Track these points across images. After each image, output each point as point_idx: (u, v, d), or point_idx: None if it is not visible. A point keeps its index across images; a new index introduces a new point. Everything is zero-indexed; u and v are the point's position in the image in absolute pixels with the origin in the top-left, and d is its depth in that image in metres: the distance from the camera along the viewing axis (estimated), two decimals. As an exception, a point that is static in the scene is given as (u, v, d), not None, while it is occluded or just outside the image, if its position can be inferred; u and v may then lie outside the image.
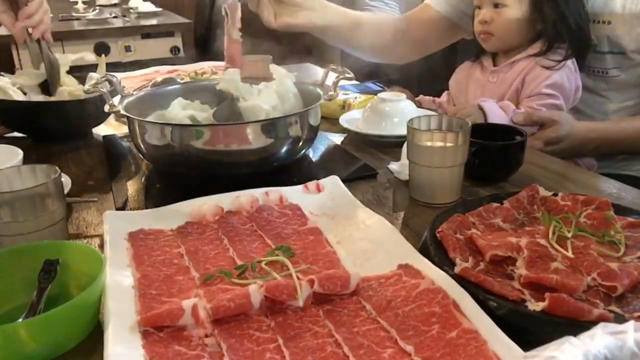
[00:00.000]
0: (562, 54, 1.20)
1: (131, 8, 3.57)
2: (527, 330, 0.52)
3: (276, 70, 1.04)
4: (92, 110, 1.11)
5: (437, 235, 0.66)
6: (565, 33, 1.19)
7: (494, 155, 0.89)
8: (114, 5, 3.82)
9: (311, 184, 0.83)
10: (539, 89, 1.19)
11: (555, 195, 0.76)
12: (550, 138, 1.11)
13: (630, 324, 0.40)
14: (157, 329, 0.53)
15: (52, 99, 1.16)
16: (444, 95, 1.48)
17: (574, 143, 1.12)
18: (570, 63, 1.21)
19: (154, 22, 3.22)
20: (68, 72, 1.23)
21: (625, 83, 1.24)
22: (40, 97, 1.15)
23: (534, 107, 1.19)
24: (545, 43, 1.21)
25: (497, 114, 1.14)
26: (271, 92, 0.97)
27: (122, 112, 0.89)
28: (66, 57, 1.21)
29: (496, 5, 1.22)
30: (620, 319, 0.52)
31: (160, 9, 3.53)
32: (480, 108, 1.15)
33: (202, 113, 0.98)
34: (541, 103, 1.20)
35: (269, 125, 0.86)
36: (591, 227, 0.68)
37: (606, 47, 1.22)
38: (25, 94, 1.15)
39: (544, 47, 1.21)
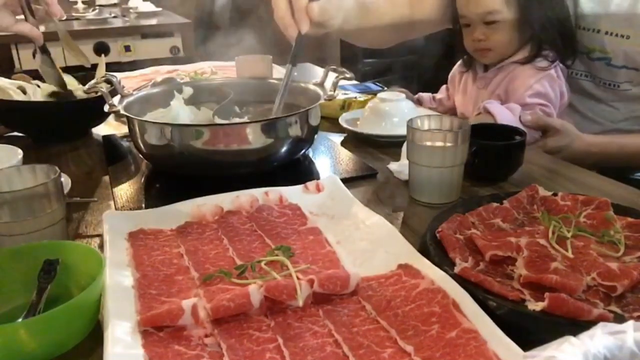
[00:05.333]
0: (547, 61, 1.20)
1: (131, 8, 3.57)
2: (527, 330, 0.52)
3: (276, 70, 1.04)
4: (92, 110, 1.11)
5: (437, 235, 0.66)
6: (549, 39, 1.18)
7: (493, 155, 0.89)
8: (114, 5, 3.82)
9: (311, 184, 0.83)
10: (523, 100, 1.18)
11: (555, 195, 0.76)
12: (551, 147, 1.10)
13: (630, 323, 0.40)
14: (156, 329, 0.53)
15: (54, 98, 1.16)
16: (442, 90, 1.48)
17: (573, 155, 1.11)
18: (553, 71, 1.20)
19: (153, 22, 3.22)
20: (65, 71, 1.23)
21: (635, 97, 1.23)
22: (39, 97, 1.15)
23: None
24: (532, 49, 1.20)
25: (505, 116, 1.13)
26: None
27: (122, 112, 0.90)
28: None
29: (487, 23, 1.20)
30: (619, 319, 0.52)
31: (160, 9, 3.53)
32: (488, 111, 1.14)
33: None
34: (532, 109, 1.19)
35: (269, 125, 0.86)
36: (591, 227, 0.68)
37: (621, 61, 1.20)
38: (25, 93, 1.15)
39: (531, 54, 1.20)
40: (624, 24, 1.16)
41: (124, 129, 1.18)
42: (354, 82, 1.57)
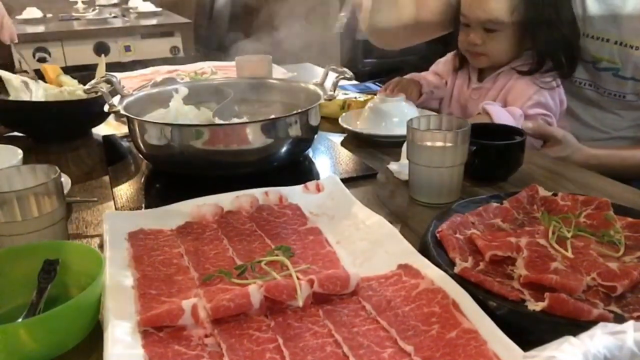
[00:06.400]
0: (548, 76, 1.18)
1: (131, 8, 3.57)
2: (527, 330, 0.52)
3: (276, 70, 1.04)
4: (92, 110, 1.11)
5: (437, 235, 0.66)
6: (554, 56, 1.16)
7: (494, 155, 0.89)
8: (114, 5, 3.82)
9: (311, 184, 0.83)
10: (523, 111, 1.16)
11: (555, 195, 0.76)
12: (550, 157, 1.10)
13: (630, 324, 0.40)
14: (157, 329, 0.53)
15: (52, 99, 1.16)
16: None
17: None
18: (552, 80, 1.19)
19: (153, 22, 3.22)
20: (65, 71, 1.23)
21: None
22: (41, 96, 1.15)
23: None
24: (533, 61, 1.18)
25: (502, 117, 1.12)
26: None
27: (122, 112, 0.90)
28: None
29: (487, 30, 1.18)
30: (619, 319, 0.52)
31: (160, 9, 3.53)
32: (486, 112, 1.14)
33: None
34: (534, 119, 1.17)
35: (269, 125, 0.86)
36: (591, 227, 0.68)
37: (630, 72, 1.17)
38: (27, 88, 1.14)
39: (532, 67, 1.18)
40: (634, 33, 1.14)
41: (124, 129, 1.18)
42: (354, 82, 1.57)
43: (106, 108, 0.90)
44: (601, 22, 1.18)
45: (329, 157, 1.03)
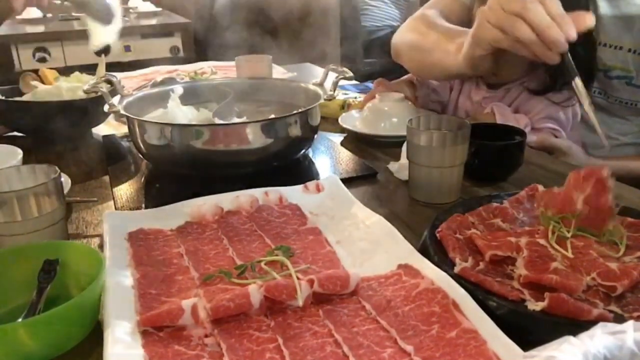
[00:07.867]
0: (565, 93, 1.15)
1: (131, 8, 3.57)
2: (527, 330, 0.52)
3: (276, 70, 1.04)
4: (91, 110, 1.11)
5: (437, 235, 0.66)
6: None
7: (494, 155, 0.89)
8: (114, 5, 3.81)
9: (311, 184, 0.83)
10: (532, 123, 1.15)
11: (555, 195, 0.75)
12: (551, 158, 1.09)
13: (630, 323, 0.40)
14: (156, 329, 0.53)
15: (52, 99, 1.16)
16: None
17: None
18: (568, 99, 1.16)
19: (153, 22, 3.23)
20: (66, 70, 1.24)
21: None
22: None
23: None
24: (547, 79, 1.15)
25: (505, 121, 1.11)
26: None
27: (122, 112, 0.90)
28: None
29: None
30: (619, 319, 0.52)
31: (160, 9, 3.53)
32: (493, 113, 1.12)
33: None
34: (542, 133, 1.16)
35: (269, 125, 0.86)
36: (591, 227, 0.68)
37: None
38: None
39: (545, 85, 1.15)
40: None
41: (124, 129, 1.18)
42: (354, 82, 1.57)
43: (106, 108, 0.90)
44: (615, 30, 1.15)
45: (329, 157, 1.03)
